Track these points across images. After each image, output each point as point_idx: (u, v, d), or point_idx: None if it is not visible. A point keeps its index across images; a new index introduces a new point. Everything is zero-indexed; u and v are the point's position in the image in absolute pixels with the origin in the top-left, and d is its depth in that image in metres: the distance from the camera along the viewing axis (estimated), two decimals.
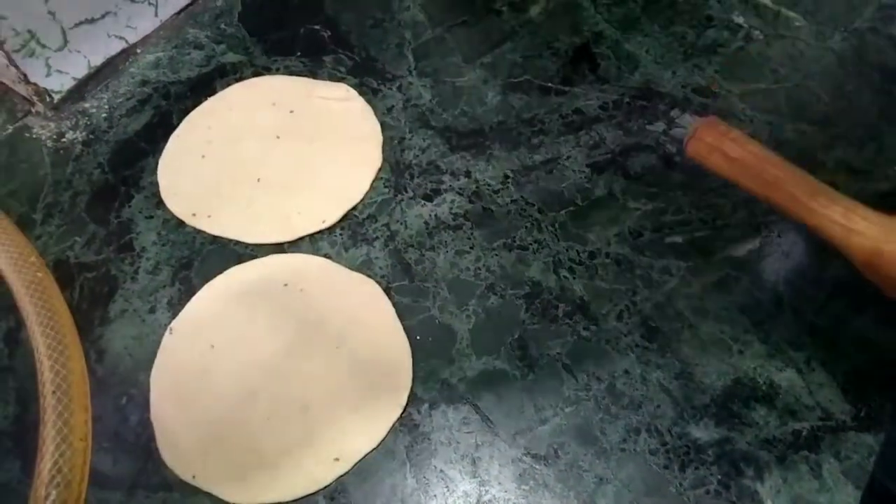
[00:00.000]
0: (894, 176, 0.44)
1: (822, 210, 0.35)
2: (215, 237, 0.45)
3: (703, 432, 0.37)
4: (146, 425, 0.39)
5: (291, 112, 0.49)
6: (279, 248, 0.44)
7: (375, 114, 0.49)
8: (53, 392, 0.27)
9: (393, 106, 0.50)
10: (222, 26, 0.55)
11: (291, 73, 0.52)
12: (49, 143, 0.50)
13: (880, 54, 0.49)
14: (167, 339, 0.42)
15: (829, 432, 0.36)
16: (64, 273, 0.45)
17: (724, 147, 0.37)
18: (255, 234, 0.44)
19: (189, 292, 0.43)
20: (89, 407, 0.29)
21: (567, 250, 0.43)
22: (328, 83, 0.51)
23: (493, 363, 0.40)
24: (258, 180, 0.46)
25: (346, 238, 0.44)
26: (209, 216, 0.45)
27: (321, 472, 0.37)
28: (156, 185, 0.47)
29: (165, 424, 0.39)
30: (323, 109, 0.49)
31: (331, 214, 0.45)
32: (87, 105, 0.52)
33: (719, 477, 0.35)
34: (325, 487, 0.37)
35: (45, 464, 0.25)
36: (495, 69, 0.51)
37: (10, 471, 0.38)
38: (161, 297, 0.43)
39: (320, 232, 0.45)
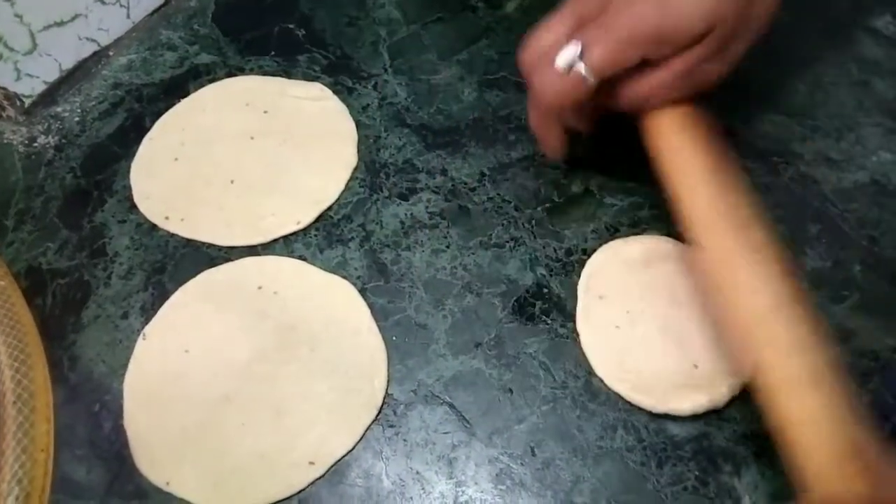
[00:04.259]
0: (872, 167, 0.44)
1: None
2: (188, 240, 0.44)
3: (680, 429, 0.36)
4: (120, 432, 0.39)
5: (265, 112, 0.48)
6: (253, 250, 0.44)
7: (350, 113, 0.48)
8: (14, 402, 0.27)
9: (368, 104, 0.49)
10: (195, 27, 0.54)
11: (265, 73, 0.51)
12: (21, 149, 0.50)
13: (857, 45, 0.49)
14: (140, 345, 0.41)
15: None
16: (36, 279, 0.44)
17: None
18: (229, 236, 0.44)
19: (162, 297, 0.43)
20: (52, 417, 0.29)
21: (544, 247, 0.42)
22: (302, 83, 0.50)
23: (469, 363, 0.39)
24: (231, 182, 0.46)
25: (320, 239, 0.44)
26: (182, 219, 0.45)
27: (296, 476, 0.36)
28: (129, 188, 0.47)
29: (139, 431, 0.39)
30: (297, 109, 0.49)
31: (305, 215, 0.44)
32: (59, 109, 0.51)
33: (697, 473, 0.35)
34: (300, 491, 0.36)
35: (4, 475, 0.25)
36: (471, 66, 0.50)
37: None
38: (134, 302, 0.43)
39: (295, 233, 0.44)
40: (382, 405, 0.38)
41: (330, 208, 0.45)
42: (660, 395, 0.36)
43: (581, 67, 0.35)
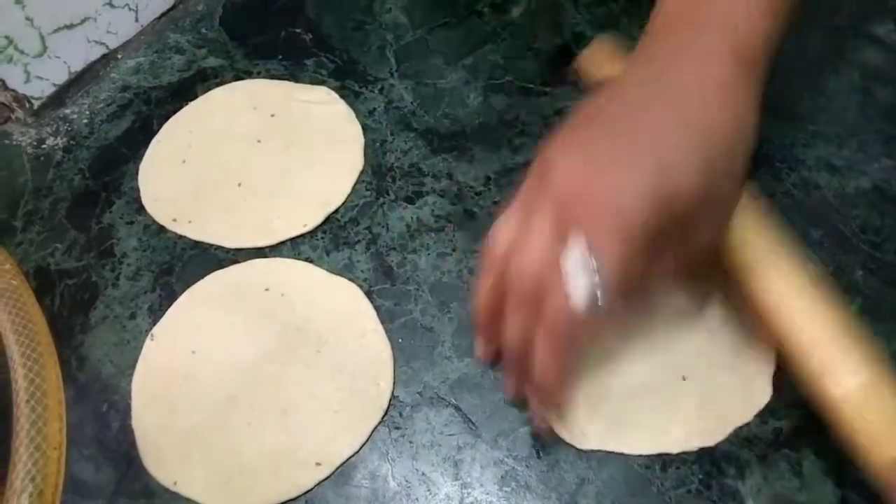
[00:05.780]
0: (874, 173, 0.44)
1: None
2: (196, 242, 0.45)
3: None
4: (127, 432, 0.39)
5: (272, 116, 0.49)
6: (260, 252, 0.44)
7: (357, 117, 0.49)
8: (27, 401, 0.27)
9: (375, 108, 0.50)
10: (203, 31, 0.55)
11: (272, 77, 0.52)
12: (29, 150, 0.50)
13: (859, 52, 0.49)
14: (148, 346, 0.41)
15: (810, 430, 0.36)
16: (45, 280, 0.44)
17: None
18: (236, 238, 0.44)
19: (170, 298, 0.43)
20: (64, 415, 0.29)
21: None
22: (309, 86, 0.51)
23: (475, 365, 0.40)
24: (239, 185, 0.46)
25: (327, 242, 0.44)
26: (190, 221, 0.45)
27: (302, 477, 0.37)
28: (136, 190, 0.47)
29: (146, 431, 0.39)
30: (304, 113, 0.49)
31: (312, 218, 0.45)
32: (67, 111, 0.52)
33: (700, 476, 0.35)
34: (307, 492, 0.36)
35: (17, 473, 0.25)
36: (477, 71, 0.51)
37: None
38: (142, 303, 0.43)
39: (301, 236, 0.44)
40: (388, 407, 0.38)
41: (336, 211, 0.45)
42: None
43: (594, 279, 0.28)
